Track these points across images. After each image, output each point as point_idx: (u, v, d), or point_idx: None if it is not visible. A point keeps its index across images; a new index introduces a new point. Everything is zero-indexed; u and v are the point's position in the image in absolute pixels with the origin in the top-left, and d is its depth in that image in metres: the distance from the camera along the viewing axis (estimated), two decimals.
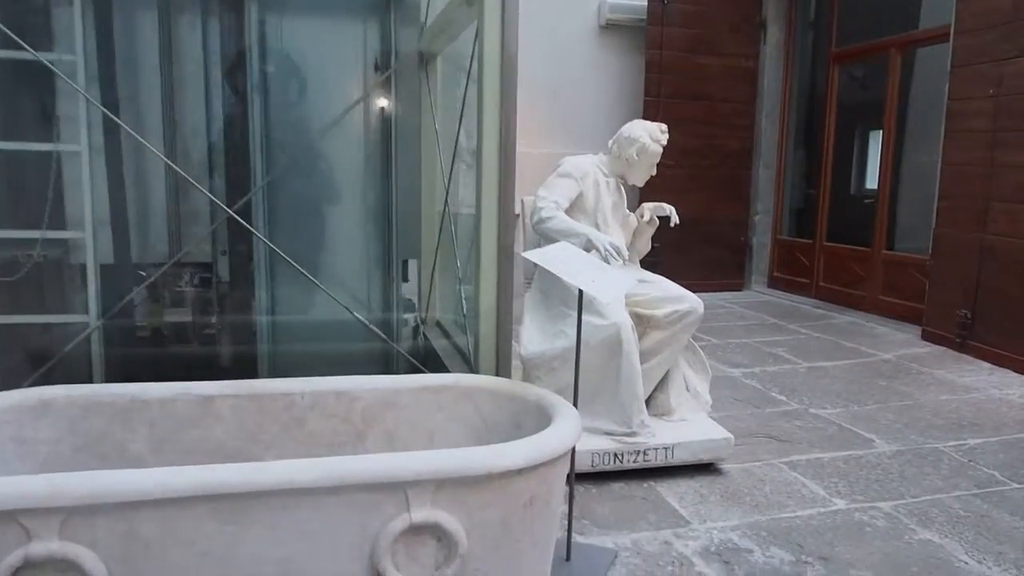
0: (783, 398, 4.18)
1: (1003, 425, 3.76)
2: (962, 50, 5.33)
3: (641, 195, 7.45)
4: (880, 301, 6.48)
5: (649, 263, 7.53)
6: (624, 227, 3.51)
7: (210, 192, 2.45)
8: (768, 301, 7.23)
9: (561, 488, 1.87)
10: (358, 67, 2.73)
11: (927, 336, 5.52)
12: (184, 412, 1.95)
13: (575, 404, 2.43)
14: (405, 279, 2.89)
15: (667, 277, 7.78)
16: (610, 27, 7.49)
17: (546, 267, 2.30)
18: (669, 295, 3.29)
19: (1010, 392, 4.33)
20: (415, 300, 3.79)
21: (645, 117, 7.30)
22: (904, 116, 6.86)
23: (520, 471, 1.67)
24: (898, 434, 3.61)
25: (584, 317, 3.04)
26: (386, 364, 2.85)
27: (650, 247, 3.70)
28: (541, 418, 2.08)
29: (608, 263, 3.02)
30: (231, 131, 2.54)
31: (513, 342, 3.27)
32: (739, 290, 7.68)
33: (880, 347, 5.37)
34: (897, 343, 5.50)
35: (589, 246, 3.07)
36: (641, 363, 3.20)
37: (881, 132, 6.72)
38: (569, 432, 1.89)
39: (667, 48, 7.25)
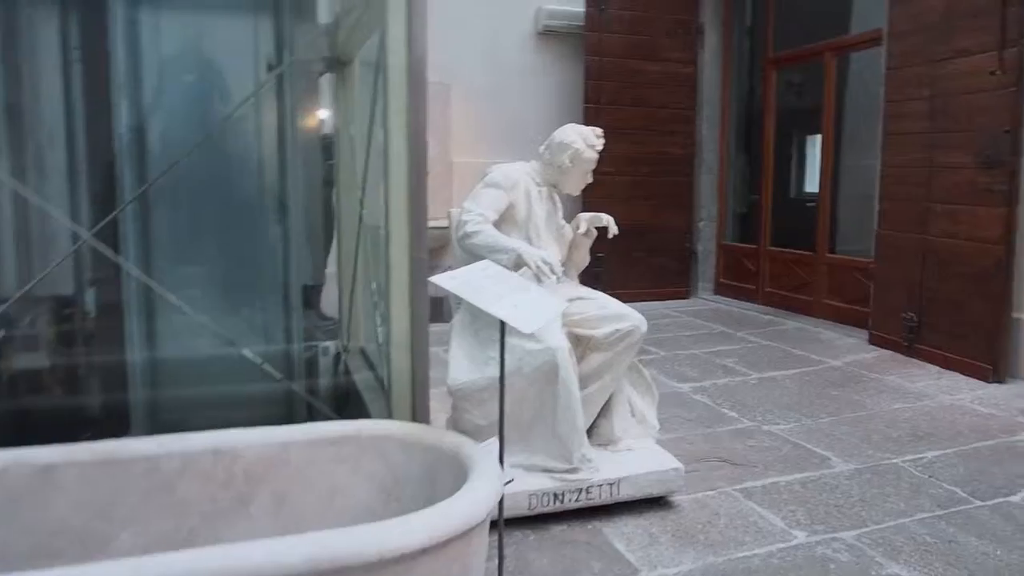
0: (735, 415, 3.96)
1: (958, 434, 3.59)
2: (896, 53, 5.23)
3: (583, 205, 7.27)
4: (826, 305, 6.36)
5: (593, 274, 7.35)
6: (559, 240, 3.24)
7: (70, 213, 2.10)
8: (715, 309, 7.06)
9: (481, 563, 1.57)
10: (246, 68, 2.41)
11: (875, 340, 5.39)
12: (17, 485, 1.60)
13: (501, 443, 2.14)
14: (309, 305, 2.55)
15: (612, 288, 7.55)
16: (548, 34, 7.27)
17: (458, 294, 2.00)
18: (609, 313, 3.02)
19: (961, 397, 4.19)
20: (342, 326, 3.46)
21: (585, 124, 7.08)
22: (842, 120, 6.78)
23: (424, 550, 1.36)
24: (854, 450, 3.41)
25: (515, 341, 2.77)
26: (289, 407, 2.51)
27: (589, 260, 3.44)
28: (459, 471, 1.78)
29: (540, 280, 2.75)
30: (95, 142, 2.19)
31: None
32: (686, 298, 7.50)
33: (829, 353, 5.21)
34: (845, 348, 5.35)
35: (520, 262, 2.79)
36: (581, 389, 2.93)
37: (820, 136, 6.62)
38: (485, 494, 1.59)
39: (605, 54, 7.06)
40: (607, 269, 7.13)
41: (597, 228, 3.25)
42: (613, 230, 3.18)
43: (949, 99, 4.75)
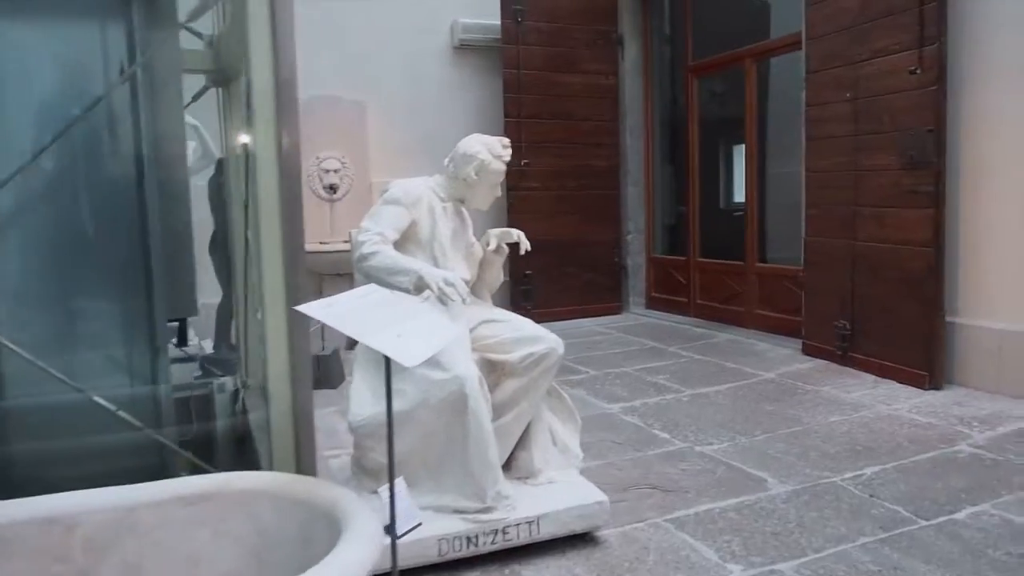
0: (666, 435, 3.76)
1: (897, 447, 3.46)
2: (815, 56, 5.19)
3: (508, 221, 7.05)
4: (758, 316, 6.27)
5: (521, 292, 7.14)
6: (469, 258, 2.99)
7: None
8: (647, 323, 6.92)
9: None
10: (94, 76, 2.10)
11: (808, 350, 5.29)
12: None
13: (392, 488, 1.87)
14: (179, 343, 2.25)
15: (542, 306, 7.30)
16: (464, 48, 7.08)
17: (331, 324, 1.72)
18: (524, 335, 2.78)
19: (898, 406, 4.08)
20: (240, 359, 3.12)
21: (509, 139, 6.90)
22: (765, 127, 6.75)
23: None
24: (791, 469, 3.23)
25: (421, 371, 2.50)
26: (162, 459, 2.18)
27: (502, 278, 3.20)
28: (335, 529, 1.51)
29: (444, 303, 2.49)
30: None
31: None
32: (617, 313, 7.34)
33: (762, 366, 5.09)
34: (779, 360, 5.24)
35: (421, 284, 2.53)
36: (496, 418, 2.68)
37: (744, 144, 6.57)
38: (357, 558, 1.32)
39: (525, 67, 6.89)
40: (536, 287, 6.93)
41: (509, 245, 3.01)
42: (525, 245, 2.95)
43: (871, 100, 4.70)
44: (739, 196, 7.58)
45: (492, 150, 2.89)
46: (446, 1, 7.01)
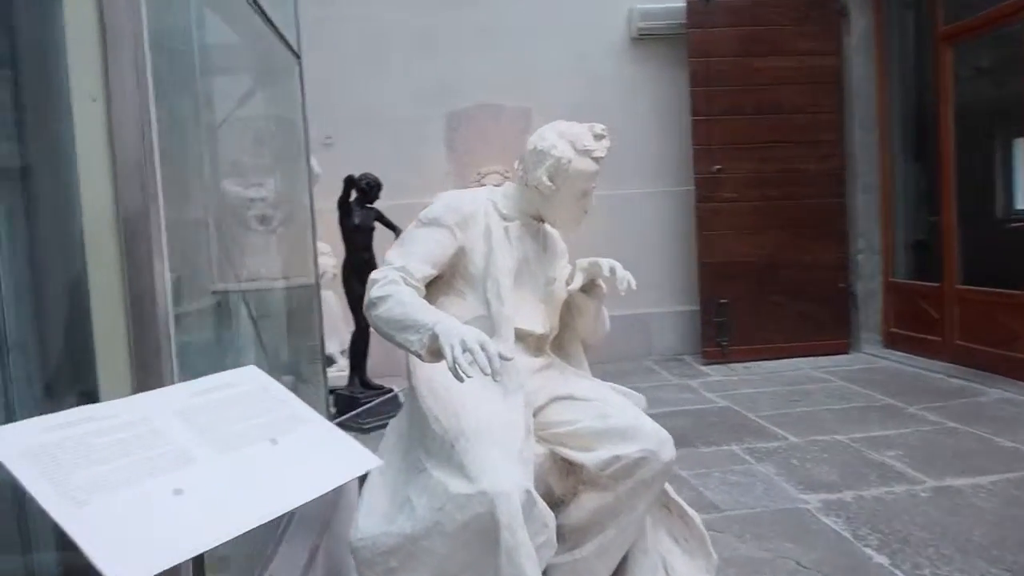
0: (884, 560, 2.42)
1: None
2: None
3: (697, 239, 5.82)
4: None
5: (715, 326, 5.86)
6: (548, 301, 1.99)
7: None
8: (883, 368, 5.31)
9: None
10: None
11: None
12: None
13: None
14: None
15: (739, 341, 5.81)
16: (644, 38, 6.05)
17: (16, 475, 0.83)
18: (611, 427, 1.75)
19: None
20: None
21: (697, 141, 5.76)
22: None
23: None
24: None
25: (438, 475, 1.57)
26: None
27: (605, 329, 2.13)
28: None
29: (458, 376, 1.49)
30: None
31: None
32: (843, 353, 5.79)
33: None
34: None
35: (435, 346, 1.57)
36: (568, 549, 1.70)
37: None
38: None
39: (715, 54, 5.70)
40: (733, 319, 5.65)
41: (599, 280, 1.99)
42: (622, 283, 1.89)
43: None
44: (1020, 203, 5.72)
45: (576, 142, 1.92)
46: None
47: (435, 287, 1.90)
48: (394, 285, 1.73)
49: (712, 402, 4.60)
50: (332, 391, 4.59)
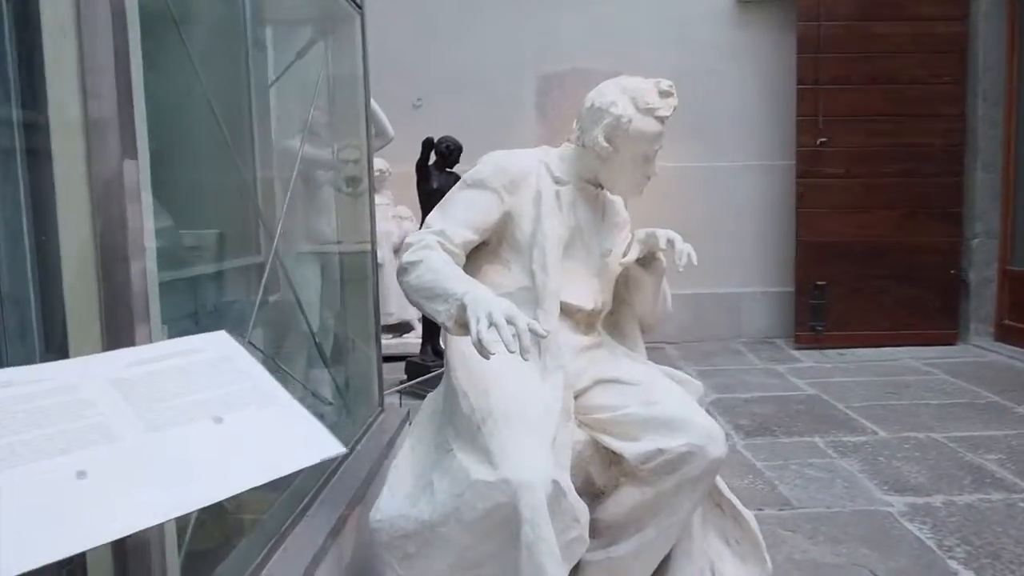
0: (971, 575, 2.25)
1: None
2: None
3: (796, 216, 5.53)
4: None
5: (811, 308, 5.58)
6: (602, 274, 1.87)
7: None
8: (992, 363, 4.94)
9: None
10: None
11: None
12: None
13: None
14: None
15: (836, 326, 5.57)
16: (750, 2, 5.72)
17: None
18: (657, 415, 1.64)
19: None
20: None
21: (801, 112, 5.45)
22: None
23: None
24: None
25: (461, 456, 1.53)
26: None
27: (666, 310, 2.01)
28: None
29: (482, 353, 1.42)
30: None
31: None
32: (950, 343, 5.42)
33: None
34: None
35: (462, 318, 1.49)
36: (603, 546, 1.61)
37: None
38: None
39: (828, 18, 5.34)
40: (830, 302, 5.38)
41: (658, 253, 1.85)
42: (681, 258, 1.76)
43: None
44: None
45: (638, 99, 1.75)
46: None
47: (480, 254, 1.80)
48: (428, 250, 1.63)
49: (799, 389, 4.40)
50: (404, 358, 4.65)
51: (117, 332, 0.99)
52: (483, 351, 1.35)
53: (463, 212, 1.74)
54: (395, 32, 5.69)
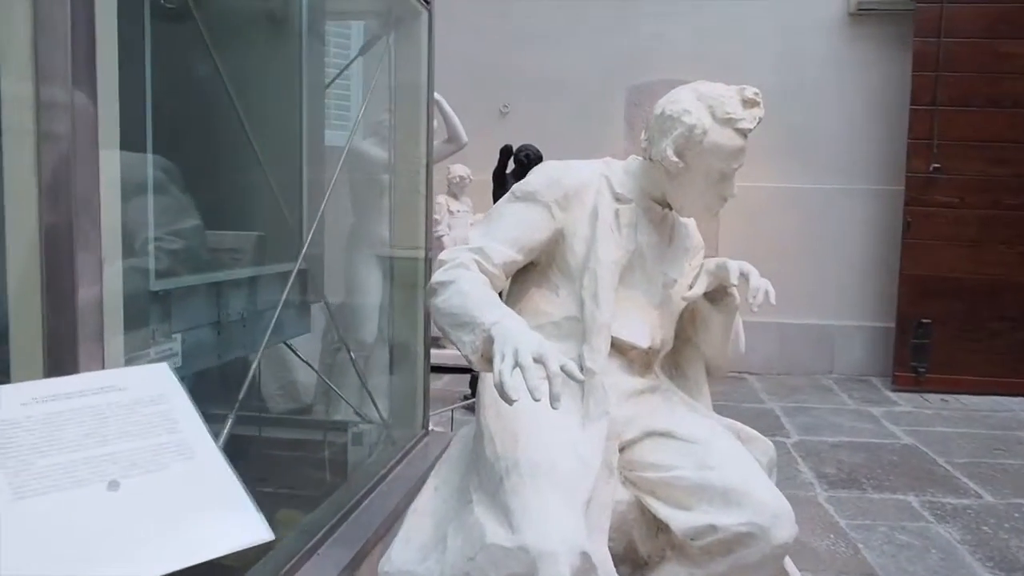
0: None
1: None
2: None
3: (902, 247, 5.10)
4: None
5: (910, 348, 5.12)
6: (664, 307, 1.63)
7: None
8: None
9: None
10: None
11: None
12: None
13: None
14: None
15: (940, 369, 5.20)
16: (864, 14, 5.37)
17: None
18: (710, 484, 1.41)
19: None
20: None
21: (914, 135, 5.03)
22: None
23: None
24: None
25: (479, 513, 1.33)
26: None
27: (737, 349, 1.76)
28: None
29: (505, 397, 1.21)
30: None
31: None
32: None
33: None
34: None
35: (489, 351, 1.29)
36: None
37: None
38: None
39: (949, 34, 4.92)
40: (935, 342, 4.94)
41: (729, 287, 1.62)
42: (756, 295, 1.52)
43: None
44: None
45: (716, 107, 1.50)
46: None
47: (529, 276, 1.60)
48: (460, 270, 1.42)
49: (895, 437, 4.01)
50: (470, 370, 4.50)
51: (59, 351, 0.85)
52: (505, 396, 1.16)
53: (507, 228, 1.53)
54: (484, 38, 5.60)
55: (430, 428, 2.34)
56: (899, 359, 5.02)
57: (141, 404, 0.79)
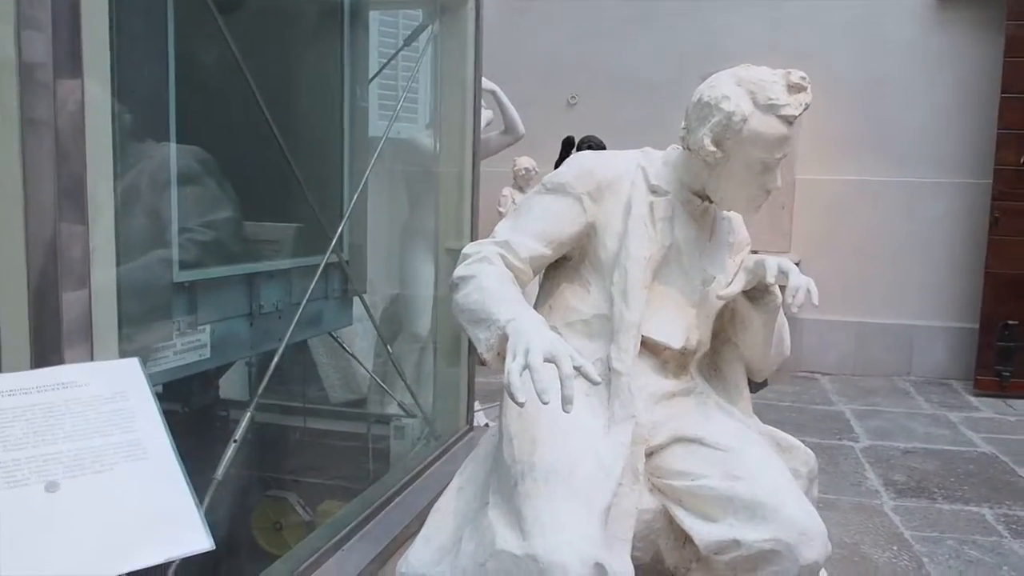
0: None
1: None
2: None
3: (988, 243, 4.83)
4: None
5: (994, 351, 4.84)
6: (701, 306, 1.57)
7: None
8: None
9: None
10: None
11: None
12: None
13: None
14: None
15: None
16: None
17: None
18: (739, 496, 1.35)
19: None
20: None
21: (1004, 124, 4.74)
22: None
23: None
24: None
25: (492, 516, 1.32)
26: None
27: (782, 353, 1.68)
28: None
29: (513, 398, 1.17)
30: None
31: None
32: None
33: None
34: None
35: (504, 348, 1.24)
36: None
37: None
38: None
39: None
40: (1021, 346, 4.64)
41: (770, 286, 1.54)
42: (795, 295, 1.44)
43: None
44: None
45: (758, 93, 1.41)
46: None
47: (561, 271, 1.56)
48: (483, 264, 1.38)
49: (972, 444, 3.80)
50: None
51: (42, 344, 0.87)
52: (512, 397, 1.12)
53: (536, 221, 1.49)
54: (555, 29, 5.57)
55: (474, 424, 2.34)
56: (982, 362, 4.75)
57: (99, 401, 0.78)
